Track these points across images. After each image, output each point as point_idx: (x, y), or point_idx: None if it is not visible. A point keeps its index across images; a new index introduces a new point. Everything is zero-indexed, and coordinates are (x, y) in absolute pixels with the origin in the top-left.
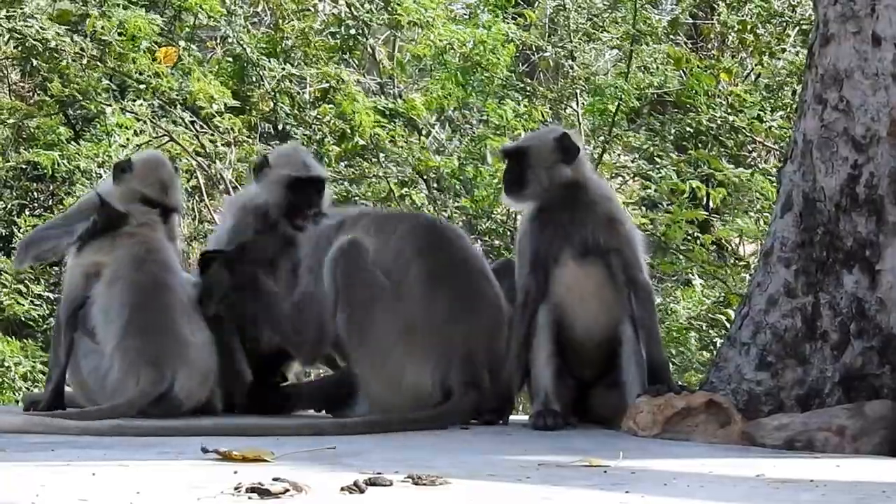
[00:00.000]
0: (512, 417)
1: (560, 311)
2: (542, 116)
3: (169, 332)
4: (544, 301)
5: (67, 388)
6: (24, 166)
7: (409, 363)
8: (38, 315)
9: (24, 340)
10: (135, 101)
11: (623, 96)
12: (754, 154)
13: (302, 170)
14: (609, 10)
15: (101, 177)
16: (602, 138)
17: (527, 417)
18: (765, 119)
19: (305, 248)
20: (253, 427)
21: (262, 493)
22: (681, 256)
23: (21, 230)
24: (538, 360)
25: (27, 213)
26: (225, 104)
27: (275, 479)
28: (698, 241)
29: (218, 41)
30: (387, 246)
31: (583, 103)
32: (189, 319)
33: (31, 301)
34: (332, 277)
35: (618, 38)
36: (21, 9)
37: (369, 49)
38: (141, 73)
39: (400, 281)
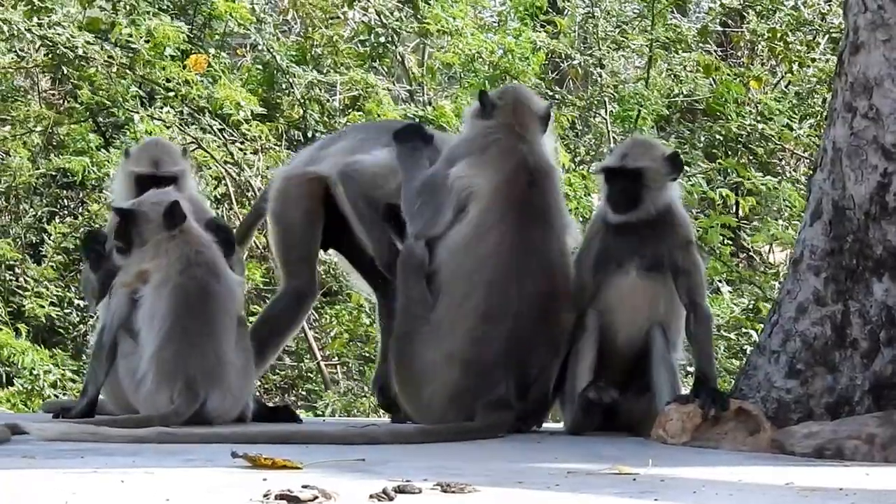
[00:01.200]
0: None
1: (608, 318)
2: (569, 122)
3: (208, 349)
4: (592, 306)
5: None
6: (53, 173)
7: (437, 370)
8: (69, 322)
9: (54, 349)
10: (162, 108)
11: (643, 102)
12: (783, 162)
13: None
14: (638, 19)
15: None
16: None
17: (553, 425)
18: (794, 128)
19: None
20: (301, 434)
21: (291, 500)
22: (715, 264)
23: (51, 237)
24: (581, 364)
25: (57, 220)
26: (252, 111)
27: (304, 487)
28: (718, 251)
29: (248, 48)
30: (475, 246)
31: (611, 111)
32: (232, 333)
33: (55, 304)
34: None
35: (646, 46)
36: (49, 16)
37: (398, 57)
38: (169, 81)
39: (460, 285)
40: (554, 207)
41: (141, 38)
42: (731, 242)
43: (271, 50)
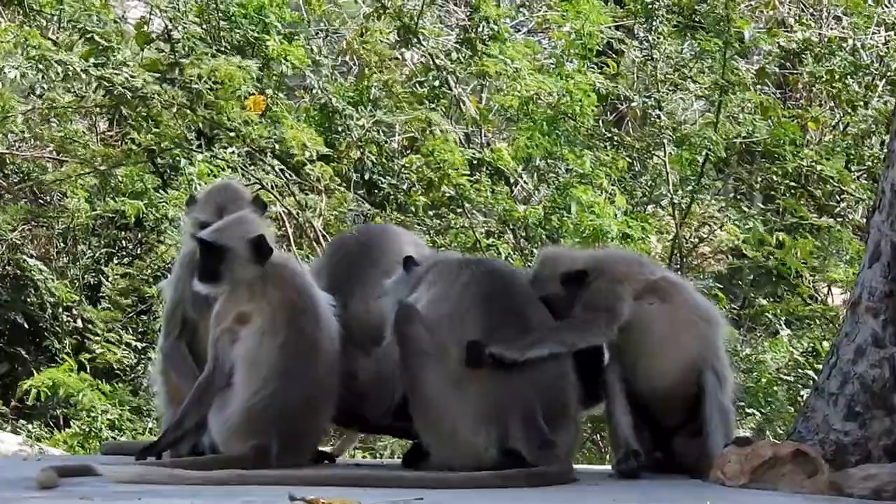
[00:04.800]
0: (597, 468)
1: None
2: (627, 165)
3: (301, 415)
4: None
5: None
6: (111, 215)
7: (461, 420)
8: (127, 364)
9: (113, 384)
10: (225, 148)
11: (712, 147)
12: (843, 204)
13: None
14: (695, 60)
15: None
16: (690, 188)
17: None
18: (852, 169)
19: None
20: (373, 478)
21: None
22: (782, 297)
23: (109, 279)
24: (617, 409)
25: (115, 261)
26: (317, 152)
27: None
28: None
29: (305, 90)
30: (446, 296)
31: (670, 153)
32: (331, 392)
33: (125, 347)
34: (393, 341)
35: (706, 88)
36: (112, 56)
37: (455, 98)
38: (231, 121)
39: (455, 335)
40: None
41: (202, 78)
42: (789, 287)
43: (326, 92)
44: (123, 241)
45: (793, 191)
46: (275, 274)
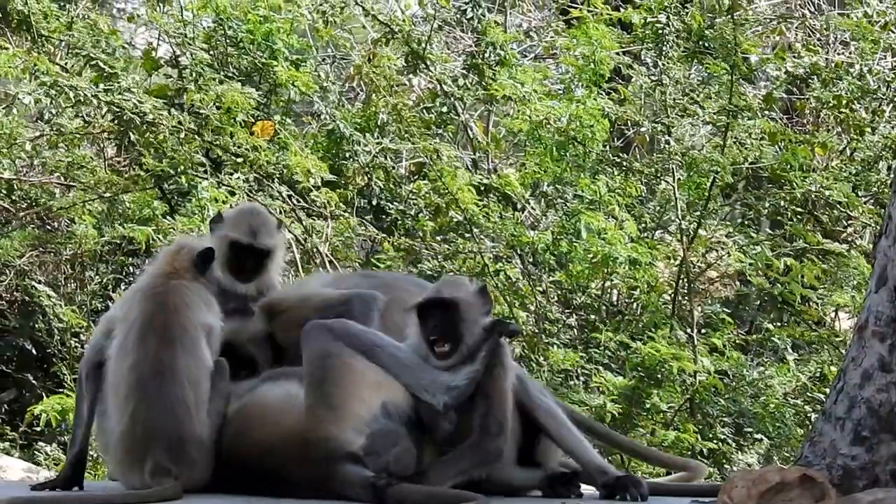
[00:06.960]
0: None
1: None
2: (638, 191)
3: (171, 431)
4: None
5: None
6: (118, 241)
7: None
8: None
9: None
10: (231, 174)
11: (719, 170)
12: (850, 229)
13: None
14: (703, 85)
15: None
16: (698, 213)
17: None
18: (859, 194)
19: None
20: None
21: None
22: (791, 320)
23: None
24: None
25: (122, 287)
26: (322, 178)
27: None
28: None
29: (313, 116)
30: None
31: (679, 178)
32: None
33: None
34: None
35: (714, 114)
36: (119, 82)
37: (462, 124)
38: (238, 147)
39: None
40: None
41: (210, 104)
42: (795, 312)
43: (334, 119)
44: (131, 267)
45: (799, 216)
46: (154, 288)
